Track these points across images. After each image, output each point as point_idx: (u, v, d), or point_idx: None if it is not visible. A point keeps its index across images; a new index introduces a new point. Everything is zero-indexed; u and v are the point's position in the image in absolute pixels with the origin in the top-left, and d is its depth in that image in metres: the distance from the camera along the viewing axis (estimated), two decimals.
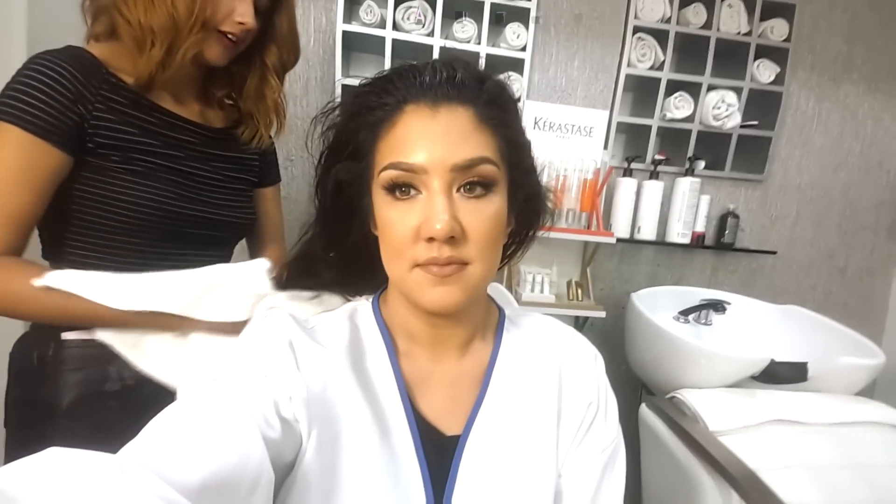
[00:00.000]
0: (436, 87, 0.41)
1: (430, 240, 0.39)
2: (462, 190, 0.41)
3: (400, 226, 0.41)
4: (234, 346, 0.44)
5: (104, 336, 0.60)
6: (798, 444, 0.91)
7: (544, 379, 0.49)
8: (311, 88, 1.42)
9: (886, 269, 1.77)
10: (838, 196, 1.70)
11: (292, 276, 0.59)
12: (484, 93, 0.43)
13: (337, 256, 0.52)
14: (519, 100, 0.49)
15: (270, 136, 0.81)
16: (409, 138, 0.40)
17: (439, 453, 0.44)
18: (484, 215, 0.41)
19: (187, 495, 0.27)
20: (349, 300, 0.56)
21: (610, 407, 0.50)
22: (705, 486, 0.85)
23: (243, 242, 0.85)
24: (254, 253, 0.86)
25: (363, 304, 0.52)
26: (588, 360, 0.51)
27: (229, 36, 0.65)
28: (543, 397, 0.48)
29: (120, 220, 0.62)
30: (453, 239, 0.39)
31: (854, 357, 1.06)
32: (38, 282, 0.55)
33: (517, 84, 1.43)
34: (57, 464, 0.24)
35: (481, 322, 0.50)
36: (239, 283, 0.61)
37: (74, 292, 0.56)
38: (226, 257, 0.79)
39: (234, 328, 0.58)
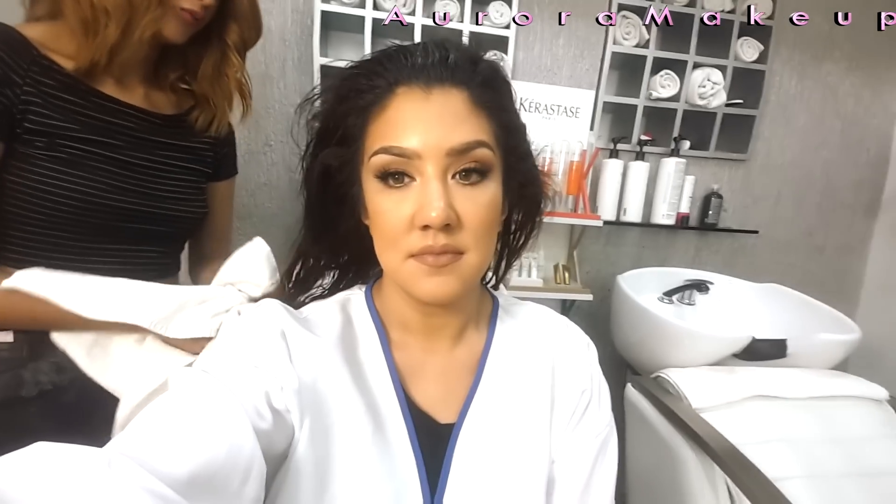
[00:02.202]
0: (428, 69, 0.40)
1: (425, 228, 0.38)
2: (457, 177, 0.40)
3: (393, 215, 0.40)
4: (225, 336, 0.43)
5: (59, 338, 0.57)
6: (778, 418, 0.94)
7: (538, 367, 0.49)
8: (288, 69, 1.37)
9: (863, 246, 1.81)
10: (819, 175, 1.72)
11: (295, 287, 0.56)
12: (478, 74, 0.41)
13: (328, 249, 0.51)
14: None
15: (229, 124, 0.76)
16: (402, 121, 0.39)
17: (433, 441, 0.44)
18: (479, 202, 0.40)
19: (175, 487, 0.27)
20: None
21: (603, 394, 0.50)
22: (688, 462, 0.87)
23: None
24: (193, 249, 0.82)
25: (356, 294, 0.51)
26: (581, 349, 0.51)
27: (189, 12, 0.60)
28: (537, 386, 0.48)
29: (44, 213, 0.58)
30: (448, 227, 0.38)
31: (831, 333, 1.09)
32: (5, 284, 0.52)
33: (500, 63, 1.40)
34: (43, 458, 0.24)
35: (475, 311, 0.50)
36: (211, 303, 0.59)
37: (43, 296, 0.53)
38: (173, 254, 0.74)
39: (195, 345, 0.56)
